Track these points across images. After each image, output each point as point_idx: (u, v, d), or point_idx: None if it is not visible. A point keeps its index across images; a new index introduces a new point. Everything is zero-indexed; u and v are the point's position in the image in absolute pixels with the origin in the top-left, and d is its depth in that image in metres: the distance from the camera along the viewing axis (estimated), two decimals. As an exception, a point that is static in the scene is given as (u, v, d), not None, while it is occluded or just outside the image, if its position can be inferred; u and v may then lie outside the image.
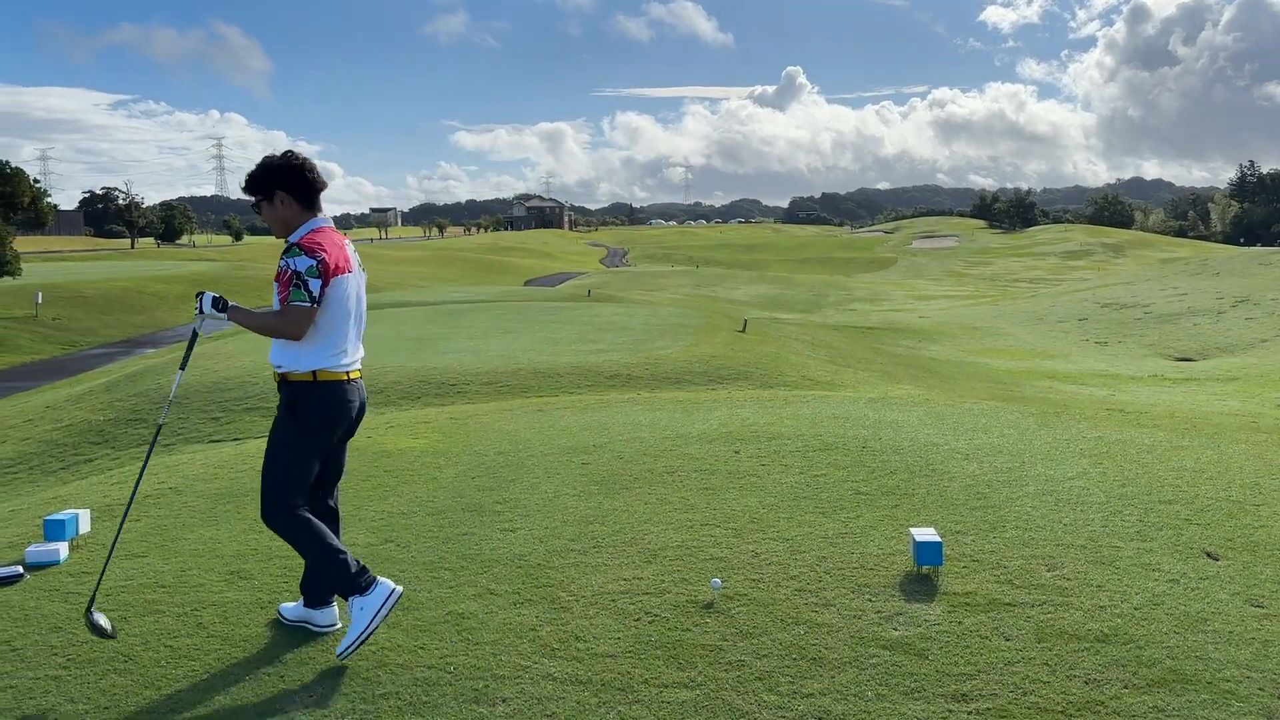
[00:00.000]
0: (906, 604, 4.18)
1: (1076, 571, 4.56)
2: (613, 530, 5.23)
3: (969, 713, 3.31)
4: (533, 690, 3.47)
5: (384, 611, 3.75)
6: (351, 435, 4.13)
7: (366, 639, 3.70)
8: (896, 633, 3.91)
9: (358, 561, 3.84)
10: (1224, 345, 25.94)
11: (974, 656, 3.70)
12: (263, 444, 8.88)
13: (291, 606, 4.13)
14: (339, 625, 4.02)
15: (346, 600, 3.78)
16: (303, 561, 3.99)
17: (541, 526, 5.32)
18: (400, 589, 3.86)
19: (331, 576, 3.80)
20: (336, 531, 4.10)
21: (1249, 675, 3.56)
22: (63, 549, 4.95)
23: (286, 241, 3.87)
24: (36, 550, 4.88)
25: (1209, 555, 4.86)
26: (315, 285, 3.75)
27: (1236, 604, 4.22)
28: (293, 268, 3.73)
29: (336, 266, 3.84)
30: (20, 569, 4.75)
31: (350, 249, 4.04)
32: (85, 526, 5.38)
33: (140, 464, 8.77)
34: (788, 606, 4.18)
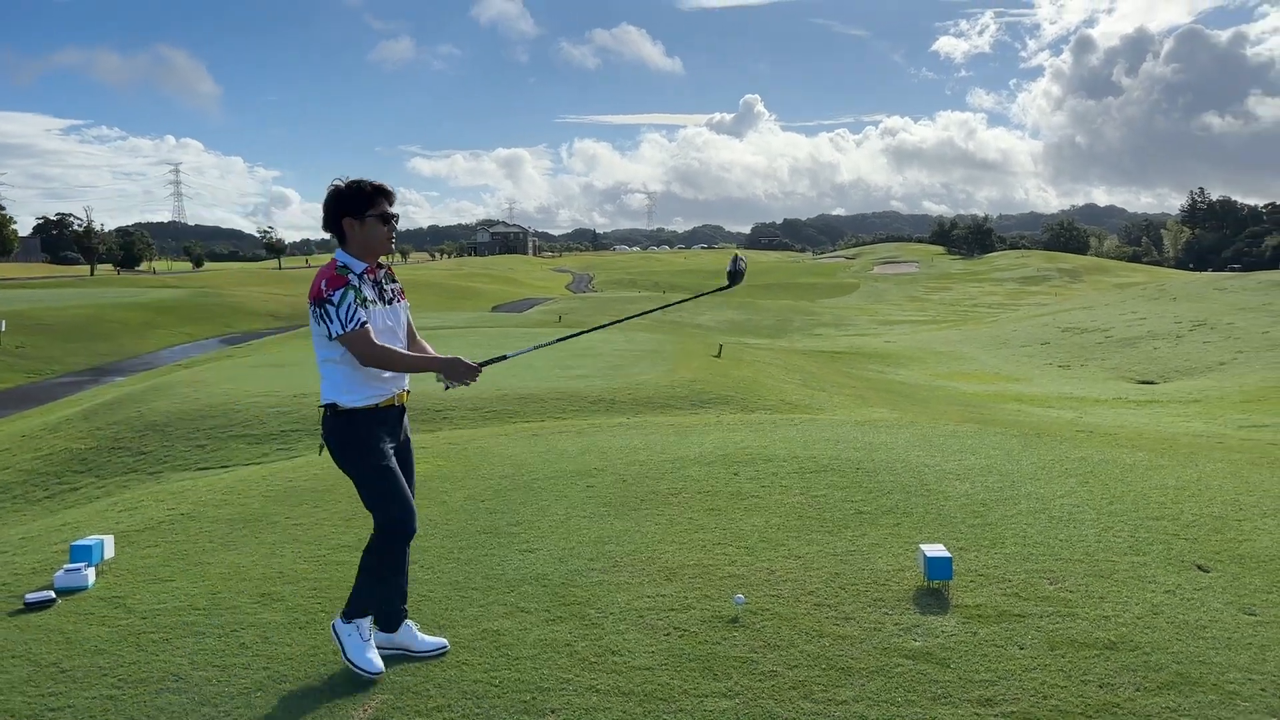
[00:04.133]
0: (922, 616, 4.38)
1: (1078, 584, 4.79)
2: (628, 550, 5.39)
3: (996, 716, 3.50)
4: (579, 701, 3.62)
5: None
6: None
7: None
8: (917, 643, 4.10)
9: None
10: (1184, 368, 26.60)
11: (993, 665, 3.90)
12: (253, 471, 8.95)
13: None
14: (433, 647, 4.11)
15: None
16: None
17: (559, 547, 5.46)
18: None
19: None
20: None
21: (1250, 678, 3.79)
22: (90, 574, 5.02)
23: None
24: (66, 575, 4.95)
25: (1200, 568, 5.11)
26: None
27: (1231, 612, 4.46)
28: None
29: None
30: (52, 594, 4.82)
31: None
32: (110, 552, 5.45)
33: (131, 493, 8.74)
34: (810, 620, 4.36)
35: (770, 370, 19.64)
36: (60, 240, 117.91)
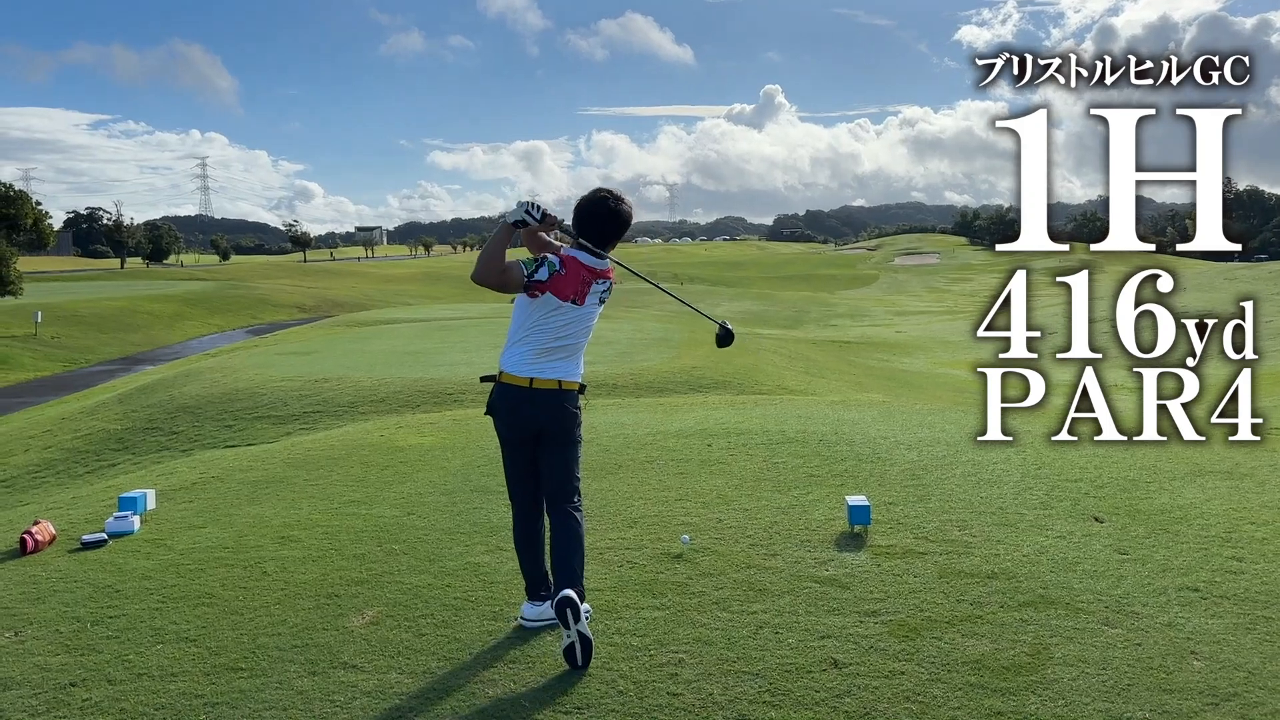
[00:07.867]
0: (838, 553, 5.16)
1: (982, 531, 5.54)
2: (600, 505, 6.17)
3: (877, 623, 4.27)
4: (537, 613, 4.41)
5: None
6: (549, 445, 4.32)
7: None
8: (827, 572, 4.87)
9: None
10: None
11: (886, 588, 4.67)
12: (275, 448, 9.80)
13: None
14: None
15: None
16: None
17: (539, 502, 6.25)
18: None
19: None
20: (553, 540, 4.26)
21: (1100, 598, 4.54)
22: (136, 521, 5.87)
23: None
24: (115, 521, 5.80)
25: (1096, 519, 5.86)
26: (543, 273, 4.13)
27: (1107, 553, 5.20)
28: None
29: (561, 287, 4.18)
30: (104, 535, 5.67)
31: (591, 286, 4.30)
32: (152, 504, 6.31)
33: (165, 465, 9.58)
34: (743, 557, 5.14)
35: (772, 358, 20.36)
36: (90, 234, 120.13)
